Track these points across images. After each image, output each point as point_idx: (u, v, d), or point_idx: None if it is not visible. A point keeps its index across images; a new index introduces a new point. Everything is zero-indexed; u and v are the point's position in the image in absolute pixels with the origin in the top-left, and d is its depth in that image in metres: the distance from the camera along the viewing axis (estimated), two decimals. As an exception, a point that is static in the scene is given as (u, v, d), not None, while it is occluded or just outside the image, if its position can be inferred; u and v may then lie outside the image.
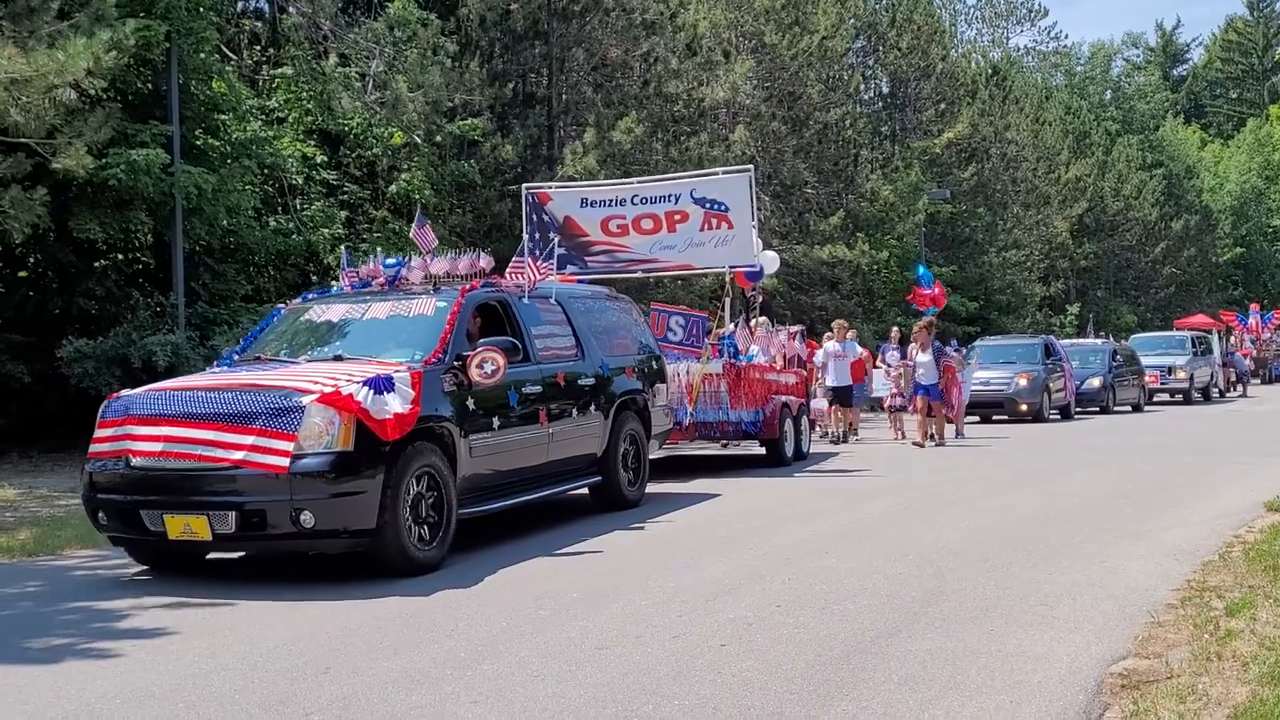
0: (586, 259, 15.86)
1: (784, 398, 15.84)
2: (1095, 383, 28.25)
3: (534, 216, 15.91)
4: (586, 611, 7.07)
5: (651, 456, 12.99)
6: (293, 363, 9.30)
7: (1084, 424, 24.56)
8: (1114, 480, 13.59)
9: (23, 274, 19.93)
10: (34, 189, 14.51)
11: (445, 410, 8.78)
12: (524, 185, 16.78)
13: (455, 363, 9.05)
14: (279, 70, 24.11)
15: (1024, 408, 24.35)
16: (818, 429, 19.59)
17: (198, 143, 19.87)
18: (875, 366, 22.75)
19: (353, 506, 7.92)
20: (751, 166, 16.23)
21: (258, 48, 25.75)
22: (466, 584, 7.95)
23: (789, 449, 15.75)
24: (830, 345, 20.09)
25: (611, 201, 15.85)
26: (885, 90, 47.31)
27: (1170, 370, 32.76)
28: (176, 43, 18.52)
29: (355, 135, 24.02)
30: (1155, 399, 32.53)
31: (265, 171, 21.66)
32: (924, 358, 19.06)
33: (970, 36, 69.26)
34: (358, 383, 8.10)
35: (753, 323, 17.71)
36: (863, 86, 44.06)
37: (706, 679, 5.63)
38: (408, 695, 5.51)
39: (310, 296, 11.01)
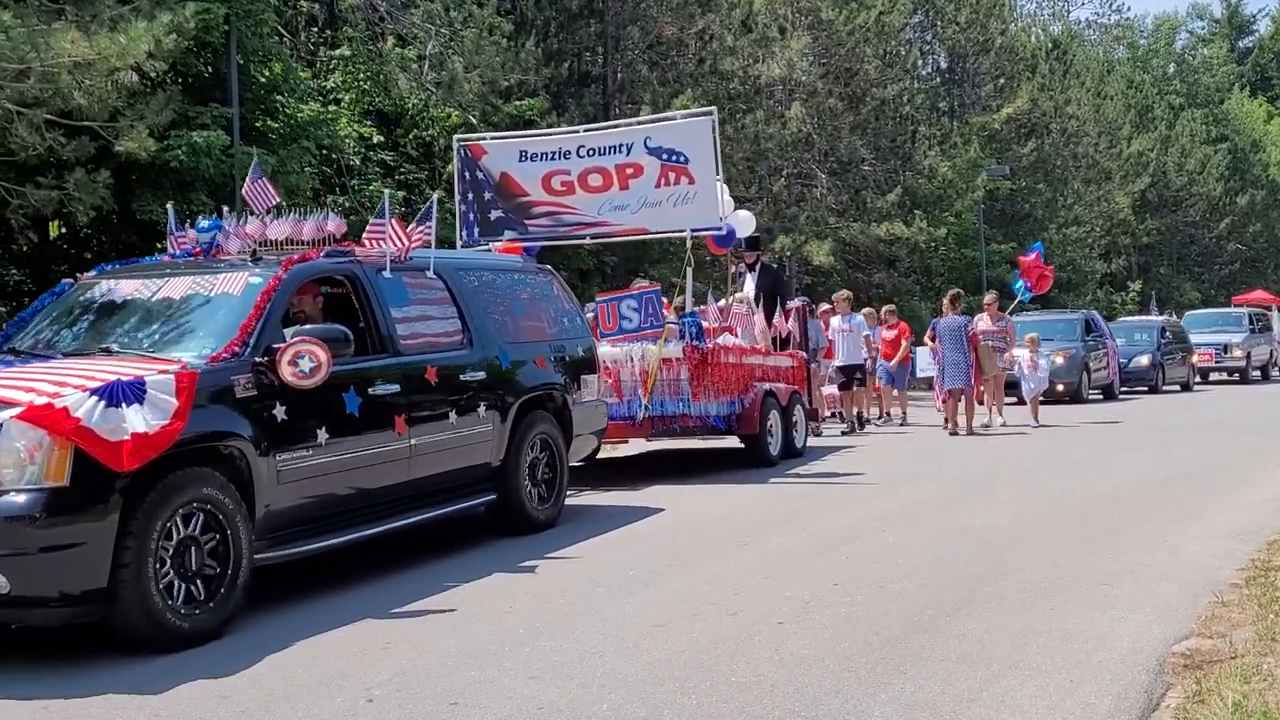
0: (527, 222, 13.54)
1: (769, 385, 13.43)
2: (1143, 361, 27.29)
3: (467, 174, 13.54)
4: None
5: (613, 454, 11.77)
6: (49, 357, 7.18)
7: (1129, 405, 23.53)
8: (1171, 461, 13.41)
9: (88, 255, 20.25)
10: (98, 171, 14.73)
11: (237, 424, 6.64)
12: (455, 136, 14.36)
13: (262, 358, 6.90)
14: (336, 51, 24.31)
15: (1060, 388, 23.07)
16: (825, 414, 17.84)
17: (257, 124, 20.06)
18: (923, 344, 20.75)
19: (70, 563, 5.78)
20: (714, 109, 13.97)
21: (315, 29, 25.95)
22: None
23: (775, 446, 13.32)
24: (834, 321, 18.34)
25: (555, 154, 13.54)
26: (943, 65, 46.82)
27: (1226, 348, 31.69)
28: (235, 25, 18.70)
29: (412, 116, 24.16)
30: (1210, 378, 31.62)
31: (323, 152, 21.83)
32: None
33: (1030, 10, 68.22)
34: (86, 390, 5.98)
35: (728, 298, 15.08)
36: (920, 62, 43.58)
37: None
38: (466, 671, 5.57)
39: (109, 268, 8.69)
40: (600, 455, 13.25)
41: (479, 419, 8.70)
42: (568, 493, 10.06)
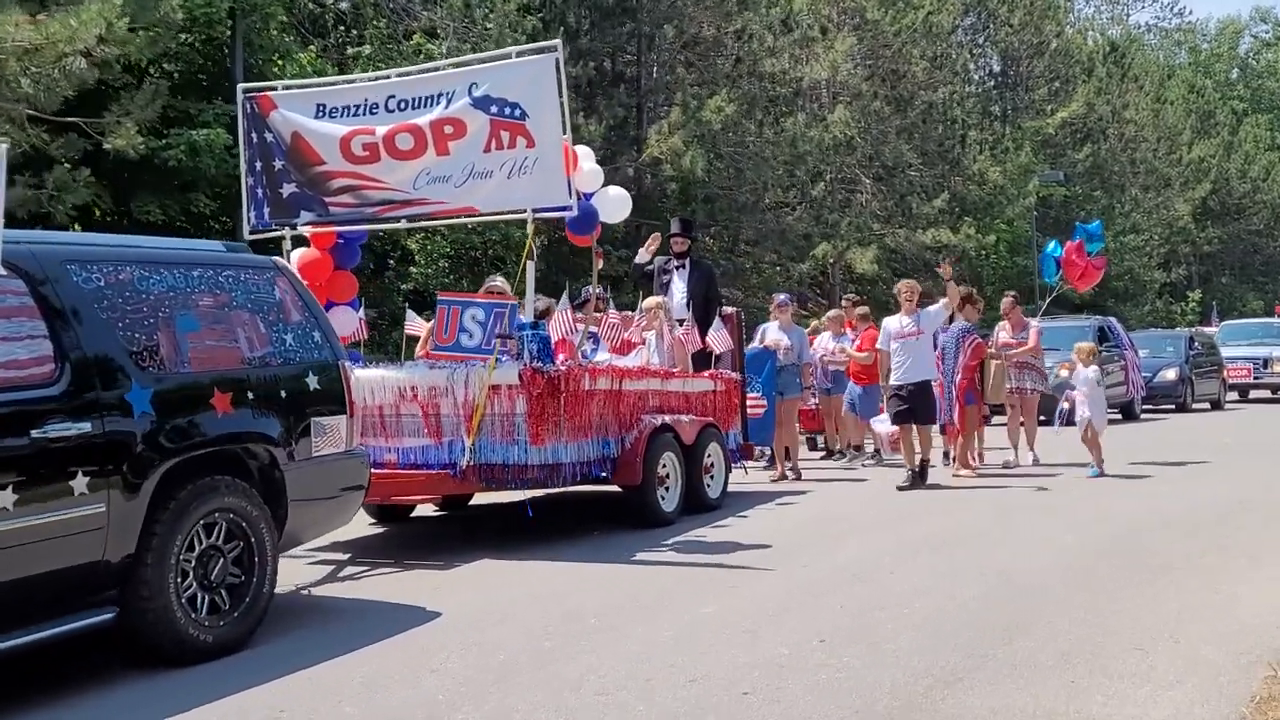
0: (327, 200, 10.21)
1: (667, 417, 10.08)
2: (1170, 375, 24.45)
3: (254, 135, 10.29)
4: None
5: (491, 500, 9.57)
6: None
7: (1152, 427, 20.48)
8: (1219, 490, 12.20)
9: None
10: (78, 169, 14.04)
11: None
12: (240, 86, 10.90)
13: None
14: (359, 49, 23.73)
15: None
16: (869, 449, 14.86)
17: (266, 123, 19.41)
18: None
19: None
20: (558, 42, 9.92)
21: (342, 28, 25.46)
22: None
23: (671, 499, 9.96)
24: (892, 322, 12.96)
25: (358, 109, 10.11)
26: (995, 68, 45.62)
27: (1266, 363, 28.21)
28: (241, 20, 18.04)
29: (435, 115, 23.53)
30: (1250, 395, 28.80)
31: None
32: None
33: (1088, 14, 66.74)
34: None
35: (607, 308, 11.28)
36: (971, 64, 42.47)
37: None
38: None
39: None
40: (475, 502, 11.04)
41: (74, 497, 5.48)
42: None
